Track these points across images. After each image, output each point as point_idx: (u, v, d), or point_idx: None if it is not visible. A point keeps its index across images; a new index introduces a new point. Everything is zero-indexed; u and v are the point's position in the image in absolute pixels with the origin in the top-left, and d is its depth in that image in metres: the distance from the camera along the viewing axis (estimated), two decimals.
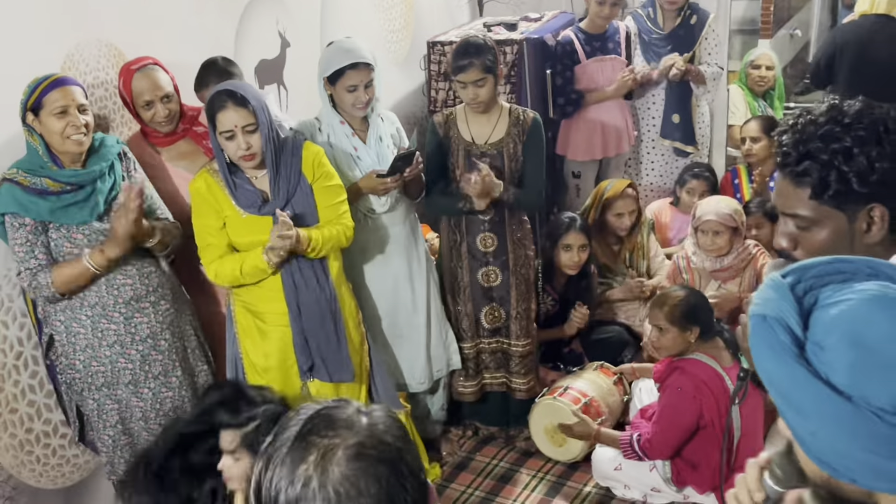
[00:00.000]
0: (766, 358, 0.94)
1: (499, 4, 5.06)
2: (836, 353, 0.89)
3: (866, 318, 0.89)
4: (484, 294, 3.41)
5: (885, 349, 0.87)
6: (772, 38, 6.92)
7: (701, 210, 3.58)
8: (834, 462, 0.92)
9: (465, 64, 3.08)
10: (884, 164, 1.34)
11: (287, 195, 2.71)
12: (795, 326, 0.92)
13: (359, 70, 2.93)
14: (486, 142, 3.25)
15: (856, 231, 1.39)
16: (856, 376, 0.87)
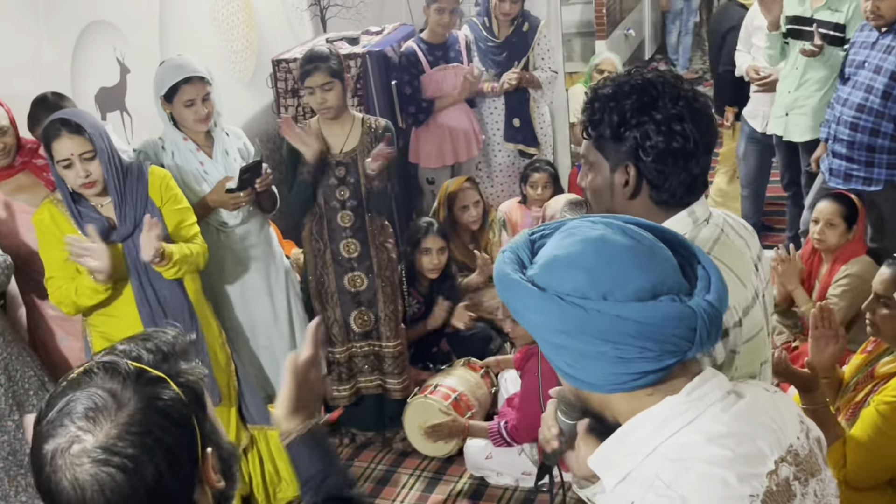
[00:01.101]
0: (501, 275, 1.13)
1: (341, 20, 5.14)
2: (538, 263, 1.12)
3: (564, 235, 1.13)
4: (352, 299, 3.48)
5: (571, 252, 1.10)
6: (607, 39, 7.31)
7: (551, 209, 3.69)
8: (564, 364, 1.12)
9: (311, 68, 3.19)
10: (634, 130, 1.45)
11: (134, 221, 2.69)
12: (524, 257, 1.15)
13: (193, 84, 2.95)
14: (341, 150, 3.34)
15: (615, 183, 1.51)
16: (547, 273, 1.10)
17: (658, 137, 1.44)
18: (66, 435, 1.00)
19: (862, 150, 3.63)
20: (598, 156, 1.52)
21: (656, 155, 1.45)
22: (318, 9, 5.14)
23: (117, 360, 1.06)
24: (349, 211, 3.39)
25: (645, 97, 1.45)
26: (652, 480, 1.07)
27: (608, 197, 1.53)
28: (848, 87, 3.64)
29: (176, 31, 3.89)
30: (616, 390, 1.10)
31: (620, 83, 1.48)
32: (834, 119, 3.73)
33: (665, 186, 1.48)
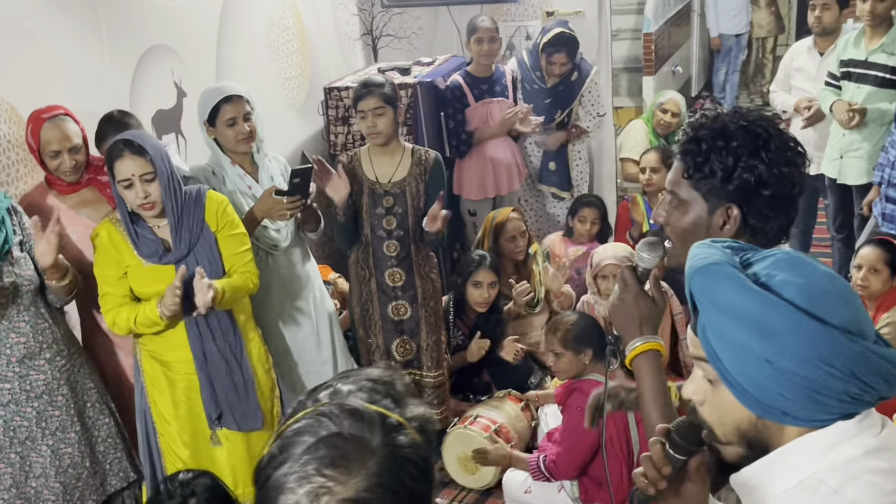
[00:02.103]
0: (729, 292, 1.06)
1: (392, 50, 5.20)
2: (794, 286, 1.04)
3: (798, 262, 1.07)
4: (395, 327, 3.49)
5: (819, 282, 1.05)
6: (654, 75, 7.30)
7: (598, 257, 3.69)
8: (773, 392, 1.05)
9: (364, 93, 3.24)
10: (747, 173, 1.46)
11: (189, 244, 2.73)
12: (741, 269, 1.08)
13: (233, 103, 3.00)
14: (390, 181, 3.37)
15: (712, 224, 1.51)
16: (814, 301, 1.03)
17: (770, 181, 1.45)
18: (311, 485, 0.91)
19: None
20: (695, 195, 1.52)
21: (766, 198, 1.46)
22: (370, 38, 5.21)
23: (358, 403, 0.98)
24: (395, 241, 3.41)
25: (758, 140, 1.46)
26: (816, 486, 1.05)
27: (703, 237, 1.49)
28: None
29: (232, 57, 3.97)
30: (816, 424, 1.07)
31: (727, 123, 1.49)
32: (888, 163, 3.68)
33: (765, 229, 1.49)
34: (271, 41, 4.29)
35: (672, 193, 1.56)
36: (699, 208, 1.52)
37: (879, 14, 3.85)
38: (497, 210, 4.23)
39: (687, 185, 1.53)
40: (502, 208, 4.21)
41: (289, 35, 4.43)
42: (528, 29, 4.90)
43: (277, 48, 4.35)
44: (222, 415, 2.84)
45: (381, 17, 5.18)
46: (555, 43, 4.33)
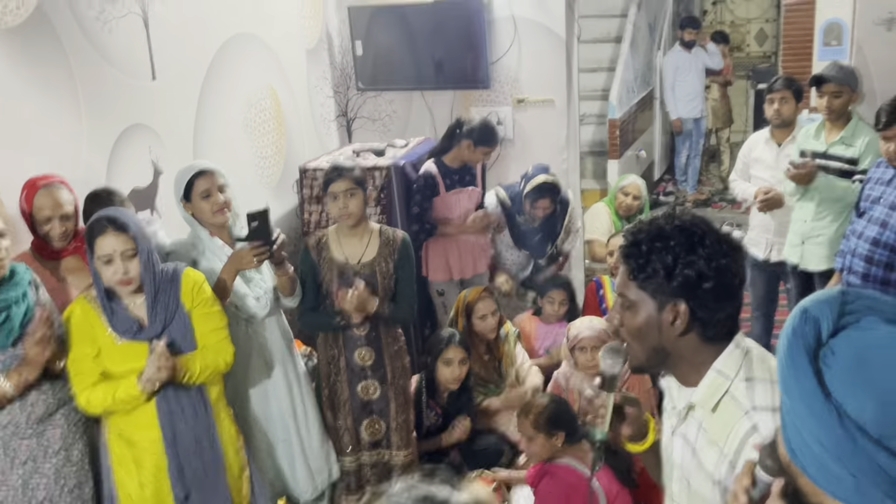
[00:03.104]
0: (786, 342, 1.06)
1: (366, 132, 5.31)
2: (839, 358, 1.01)
3: (879, 344, 1.00)
4: (363, 407, 3.47)
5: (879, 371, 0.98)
6: (619, 159, 7.50)
7: (575, 329, 3.74)
8: (795, 443, 1.05)
9: (335, 175, 3.29)
10: (688, 269, 1.53)
11: (164, 322, 2.72)
12: (825, 329, 1.04)
13: (206, 176, 3.05)
14: (359, 261, 3.39)
15: (663, 321, 1.57)
16: (843, 380, 0.99)
17: (710, 273, 1.51)
18: None
19: (877, 283, 3.67)
20: (643, 295, 1.58)
21: (709, 290, 1.52)
22: (345, 120, 5.32)
23: None
24: None
25: (693, 237, 1.53)
26: None
27: (655, 335, 1.58)
28: (863, 221, 3.72)
29: (209, 136, 4.02)
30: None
31: (662, 225, 1.57)
32: (850, 251, 3.79)
33: (713, 321, 1.54)
34: (248, 121, 4.36)
35: (622, 296, 1.62)
36: (648, 307, 1.57)
37: (836, 109, 4.03)
38: (469, 289, 4.27)
39: (634, 287, 1.59)
40: (473, 287, 4.26)
41: (266, 116, 4.50)
42: (500, 114, 5.04)
43: (254, 128, 4.41)
44: (189, 496, 2.79)
45: (356, 99, 5.29)
46: (539, 191, 4.48)
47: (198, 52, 3.96)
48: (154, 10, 3.62)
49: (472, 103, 5.09)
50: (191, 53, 3.90)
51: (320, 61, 5.10)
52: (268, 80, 4.53)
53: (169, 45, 3.73)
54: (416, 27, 4.89)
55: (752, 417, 1.48)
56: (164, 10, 3.68)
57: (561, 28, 4.78)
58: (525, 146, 5.07)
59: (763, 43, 10.02)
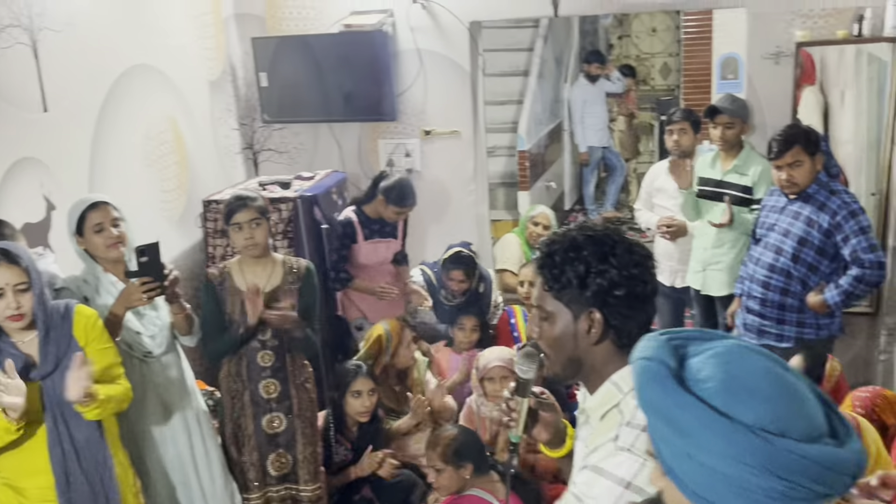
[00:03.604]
0: (654, 392, 1.09)
1: (273, 164, 5.24)
2: (712, 382, 1.06)
3: (732, 357, 1.10)
4: (269, 441, 3.40)
5: (745, 378, 1.06)
6: (529, 190, 7.60)
7: (484, 360, 3.76)
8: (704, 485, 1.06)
9: (239, 205, 3.25)
10: (600, 278, 1.56)
11: (56, 360, 2.61)
12: (674, 366, 1.10)
13: (99, 209, 2.98)
14: (263, 290, 3.33)
15: (579, 330, 1.60)
16: (728, 398, 1.04)
17: (622, 282, 1.56)
18: None
19: (773, 307, 3.79)
20: (559, 305, 1.61)
21: (621, 298, 1.56)
22: (251, 152, 5.24)
23: None
24: (269, 350, 3.37)
25: (605, 247, 1.57)
26: None
27: (572, 345, 1.61)
28: (760, 248, 3.84)
29: (106, 170, 3.90)
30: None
31: (575, 236, 1.60)
32: (748, 276, 3.91)
33: (627, 329, 1.58)
34: (148, 154, 4.25)
35: (539, 308, 1.65)
36: (565, 317, 1.61)
37: (729, 139, 4.18)
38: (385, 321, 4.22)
39: (550, 298, 1.62)
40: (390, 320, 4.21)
41: (167, 148, 4.40)
42: (408, 146, 5.05)
43: (155, 161, 4.30)
44: None
45: (262, 131, 5.23)
46: (452, 261, 4.55)
47: (93, 83, 3.85)
48: (44, 40, 3.51)
49: (380, 135, 5.09)
50: (86, 85, 3.79)
51: (224, 93, 5.03)
52: (168, 112, 4.43)
53: (62, 76, 3.61)
54: (321, 59, 4.87)
55: (621, 430, 1.52)
56: (56, 40, 3.57)
57: (466, 61, 4.83)
58: (434, 178, 5.08)
59: (667, 76, 10.35)
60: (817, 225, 3.61)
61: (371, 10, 4.79)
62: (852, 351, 4.37)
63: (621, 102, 8.80)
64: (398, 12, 4.79)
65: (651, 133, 9.71)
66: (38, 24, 3.47)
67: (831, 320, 3.77)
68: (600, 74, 8.40)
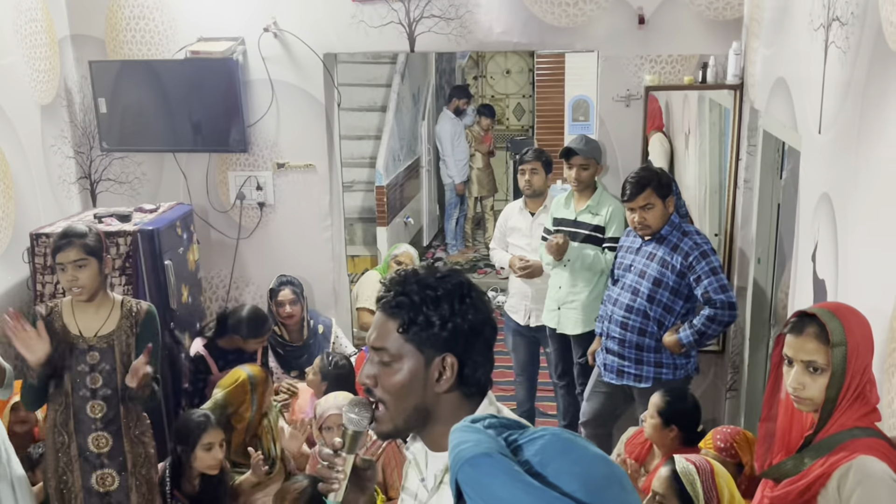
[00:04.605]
0: (507, 487, 1.00)
1: (113, 195, 4.91)
2: (566, 475, 1.01)
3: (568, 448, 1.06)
4: (100, 500, 3.11)
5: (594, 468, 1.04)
6: (388, 226, 7.53)
7: (321, 408, 3.50)
8: None
9: (63, 244, 3.00)
10: (460, 319, 1.48)
11: None
12: (511, 458, 1.04)
13: None
14: (96, 335, 3.08)
15: (429, 377, 1.49)
16: (590, 489, 1.00)
17: (479, 325, 1.51)
18: None
19: (632, 348, 3.83)
20: (410, 348, 1.50)
21: (477, 344, 1.50)
22: (87, 182, 4.90)
23: None
24: (101, 401, 3.10)
25: (461, 288, 1.51)
26: None
27: (419, 393, 1.50)
28: (617, 288, 3.89)
29: None
30: None
31: (426, 276, 1.52)
32: (606, 317, 3.95)
33: (476, 376, 1.51)
34: None
35: (381, 350, 1.52)
36: (414, 362, 1.50)
37: (584, 180, 4.24)
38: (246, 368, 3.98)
39: (400, 340, 1.50)
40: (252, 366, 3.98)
41: None
42: (259, 179, 4.85)
43: None
44: None
45: (101, 160, 4.90)
46: (279, 282, 4.52)
47: None
48: None
49: (230, 167, 4.86)
50: None
51: (58, 118, 4.67)
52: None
53: None
54: (167, 86, 4.61)
55: None
56: None
57: (320, 93, 4.70)
58: (287, 212, 4.89)
59: (521, 117, 10.60)
60: (671, 266, 3.69)
61: (220, 37, 4.59)
62: (701, 388, 4.48)
63: (480, 140, 8.92)
64: (249, 40, 4.60)
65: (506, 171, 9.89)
66: None
67: (688, 360, 3.85)
68: (465, 109, 8.55)
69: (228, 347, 4.24)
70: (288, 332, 4.53)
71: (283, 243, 4.93)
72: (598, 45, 4.45)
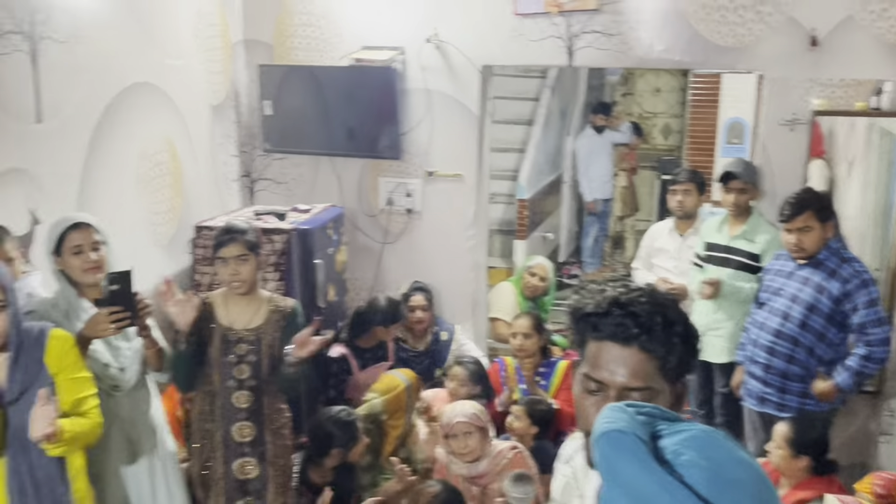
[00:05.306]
0: (631, 466, 1.00)
1: (270, 194, 5.12)
2: (697, 469, 1.00)
3: (710, 444, 1.04)
4: (238, 488, 3.21)
5: (728, 468, 1.02)
6: (526, 239, 7.51)
7: (447, 416, 3.57)
8: None
9: (226, 239, 3.11)
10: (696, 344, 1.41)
11: (23, 386, 2.44)
12: (648, 442, 1.04)
13: (80, 230, 2.84)
14: (245, 327, 3.19)
15: (673, 405, 1.39)
16: (714, 488, 0.99)
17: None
18: None
19: (776, 375, 3.68)
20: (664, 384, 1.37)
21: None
22: (248, 181, 5.12)
23: None
24: (247, 391, 3.19)
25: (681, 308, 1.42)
26: None
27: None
28: (764, 312, 3.74)
29: (97, 187, 3.76)
30: None
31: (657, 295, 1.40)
32: (750, 342, 3.81)
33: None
34: (142, 175, 4.12)
35: (646, 391, 1.37)
36: (665, 398, 1.37)
37: (741, 205, 4.10)
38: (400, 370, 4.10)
39: (658, 377, 1.36)
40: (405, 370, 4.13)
41: (162, 170, 4.27)
42: (409, 186, 4.94)
43: (148, 182, 4.17)
44: None
45: (262, 160, 5.12)
46: (412, 288, 4.61)
47: (92, 97, 3.72)
48: (45, 49, 3.39)
49: (382, 173, 4.98)
50: (84, 98, 3.67)
51: (226, 118, 4.92)
52: (167, 133, 4.31)
53: (59, 88, 3.49)
54: (328, 91, 4.78)
55: None
56: (57, 50, 3.46)
57: (475, 105, 4.75)
58: (433, 220, 4.97)
59: (668, 136, 10.35)
60: (827, 291, 3.52)
61: (383, 45, 4.71)
62: (851, 429, 4.23)
63: (624, 157, 8.77)
64: (410, 50, 4.71)
65: (651, 191, 9.68)
66: (40, 33, 3.36)
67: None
68: (606, 126, 8.39)
69: (366, 346, 4.33)
70: (413, 337, 4.59)
71: (427, 250, 5.00)
72: (764, 66, 4.29)
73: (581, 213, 9.05)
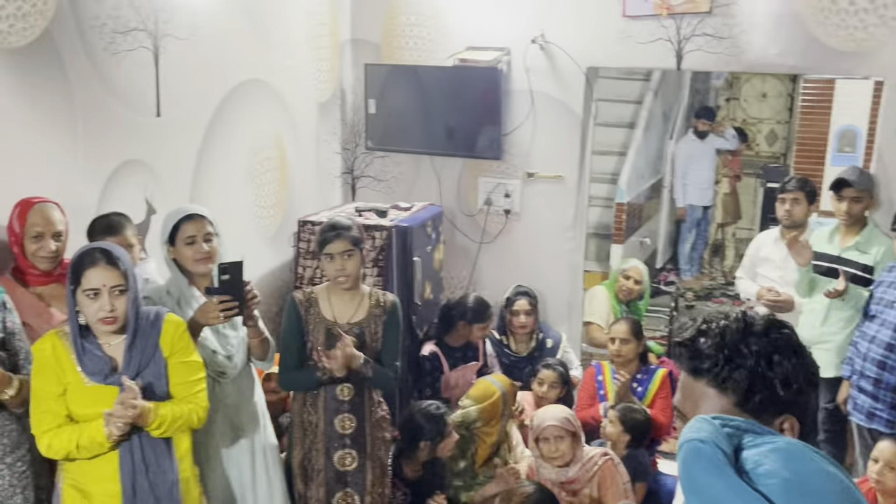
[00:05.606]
0: (709, 476, 1.04)
1: (371, 191, 5.20)
2: (775, 479, 1.03)
3: (794, 455, 1.06)
4: (338, 478, 3.26)
5: (809, 480, 1.04)
6: (624, 244, 7.40)
7: (539, 419, 3.58)
8: None
9: (332, 235, 3.15)
10: (800, 374, 1.32)
11: (138, 367, 2.55)
12: (729, 453, 1.07)
13: (194, 221, 2.93)
14: (348, 321, 3.24)
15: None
16: (791, 499, 1.01)
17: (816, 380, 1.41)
18: None
19: (888, 390, 3.53)
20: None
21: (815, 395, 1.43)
22: (350, 177, 5.22)
23: None
24: (350, 384, 3.25)
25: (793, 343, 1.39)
26: None
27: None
28: (875, 325, 3.59)
29: (209, 179, 3.90)
30: None
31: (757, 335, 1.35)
32: (860, 356, 3.67)
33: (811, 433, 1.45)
34: (251, 169, 4.25)
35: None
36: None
37: (855, 214, 3.94)
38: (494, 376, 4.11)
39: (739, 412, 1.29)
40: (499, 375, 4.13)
41: (269, 165, 4.40)
42: (508, 187, 4.94)
43: (256, 176, 4.30)
44: None
45: (364, 157, 5.21)
46: (517, 292, 4.56)
47: (207, 93, 3.87)
48: (167, 46, 3.54)
49: (481, 173, 5.00)
50: (199, 94, 3.82)
51: (331, 116, 5.02)
52: (275, 129, 4.44)
53: (178, 84, 3.64)
54: (431, 90, 4.82)
55: None
56: (178, 47, 3.60)
57: (579, 107, 4.71)
58: (531, 221, 4.96)
59: (773, 143, 10.05)
60: None
61: (488, 46, 4.73)
62: None
63: (728, 164, 8.55)
64: (515, 51, 4.71)
65: (754, 199, 9.41)
66: (162, 31, 3.51)
67: None
68: (708, 131, 8.19)
69: (455, 344, 4.35)
70: (515, 341, 4.58)
71: (524, 252, 4.99)
72: (886, 73, 4.12)
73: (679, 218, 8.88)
